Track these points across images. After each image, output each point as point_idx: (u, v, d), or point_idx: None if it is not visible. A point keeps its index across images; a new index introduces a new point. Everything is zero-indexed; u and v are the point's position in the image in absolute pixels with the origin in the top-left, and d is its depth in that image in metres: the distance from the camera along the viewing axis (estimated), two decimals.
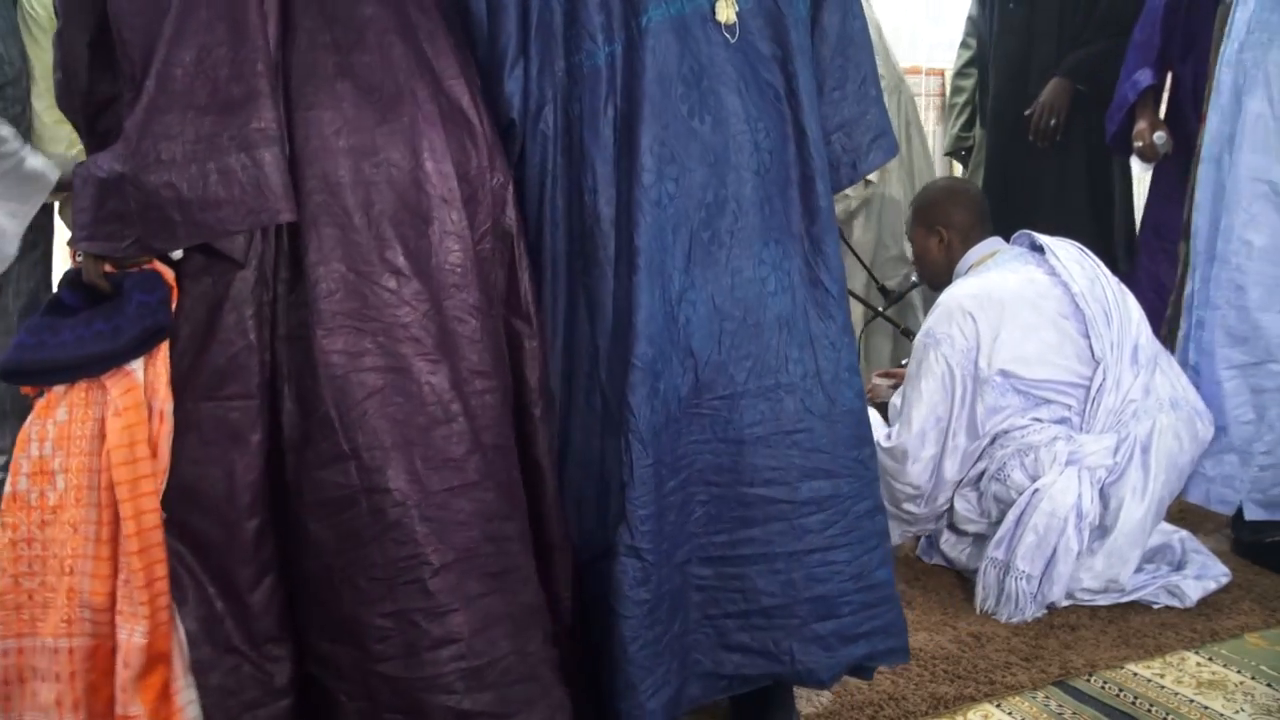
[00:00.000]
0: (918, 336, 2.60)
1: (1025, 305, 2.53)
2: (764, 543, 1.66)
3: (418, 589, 1.44)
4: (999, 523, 2.47)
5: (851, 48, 1.71)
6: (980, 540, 2.56)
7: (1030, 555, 2.37)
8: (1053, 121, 3.33)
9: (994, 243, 2.75)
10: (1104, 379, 2.48)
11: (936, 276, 2.81)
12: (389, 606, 1.44)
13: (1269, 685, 2.11)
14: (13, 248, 2.28)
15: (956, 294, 2.59)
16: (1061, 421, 2.50)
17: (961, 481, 2.56)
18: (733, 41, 1.60)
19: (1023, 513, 2.41)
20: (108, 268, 1.47)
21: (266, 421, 1.49)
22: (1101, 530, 2.42)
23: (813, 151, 1.66)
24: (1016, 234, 2.75)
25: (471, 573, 1.46)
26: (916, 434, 2.50)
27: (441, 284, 1.51)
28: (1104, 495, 2.43)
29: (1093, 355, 2.50)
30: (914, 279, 3.13)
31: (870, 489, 1.73)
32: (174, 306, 1.48)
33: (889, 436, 2.56)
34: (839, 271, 1.71)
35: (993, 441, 2.51)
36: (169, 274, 1.48)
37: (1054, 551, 2.37)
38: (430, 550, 1.44)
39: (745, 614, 1.67)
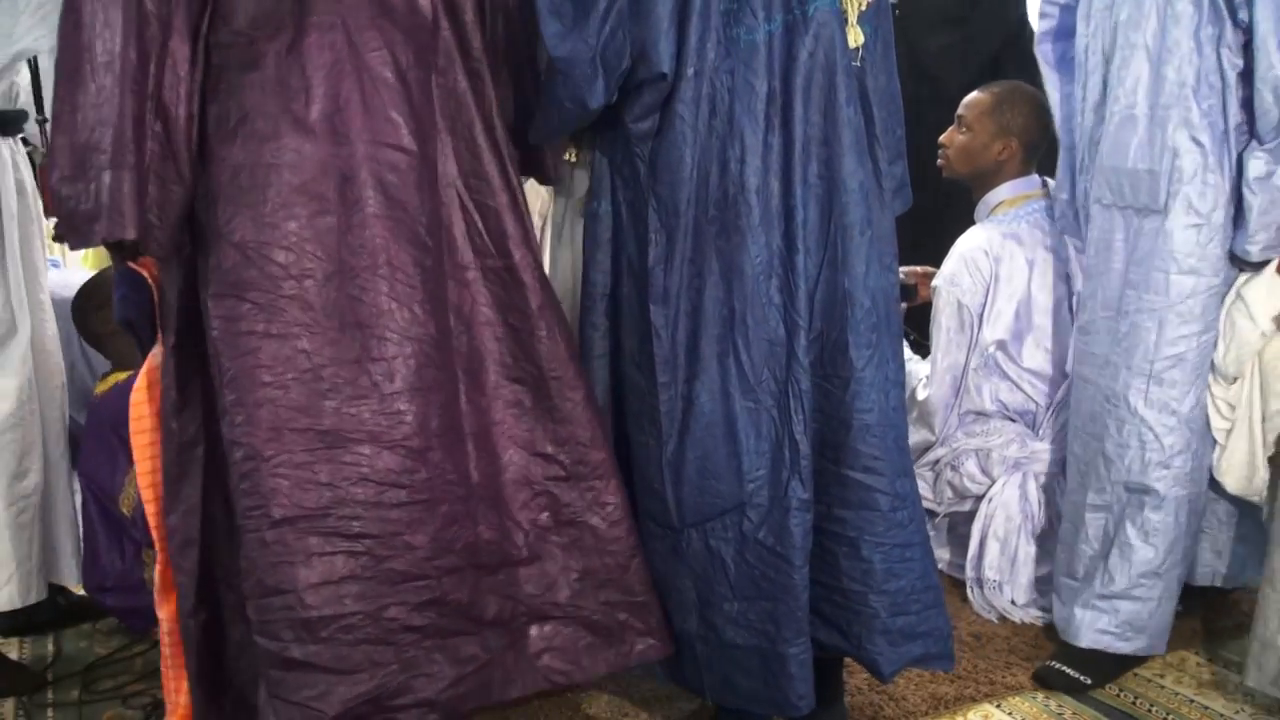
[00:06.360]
0: (936, 280, 2.57)
1: (1039, 278, 2.50)
2: (855, 528, 1.71)
3: (257, 539, 1.56)
4: (948, 505, 2.56)
5: (893, 104, 1.81)
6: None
7: (995, 564, 2.46)
8: None
9: (1031, 183, 2.56)
10: (1066, 396, 2.44)
11: (967, 169, 2.57)
12: (242, 551, 1.57)
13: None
14: None
15: (978, 242, 2.53)
16: (1024, 414, 2.54)
17: (920, 459, 2.59)
18: (855, 63, 1.70)
19: (985, 527, 2.48)
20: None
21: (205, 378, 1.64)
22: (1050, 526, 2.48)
23: (880, 180, 1.76)
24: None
25: (316, 531, 1.56)
26: (938, 386, 2.54)
27: (348, 262, 1.58)
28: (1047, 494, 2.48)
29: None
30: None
31: (918, 494, 1.81)
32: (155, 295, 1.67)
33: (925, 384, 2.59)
34: (888, 289, 1.78)
35: (952, 431, 2.57)
36: (149, 268, 1.66)
37: (1015, 555, 2.45)
38: (273, 504, 1.55)
39: (828, 586, 1.73)
